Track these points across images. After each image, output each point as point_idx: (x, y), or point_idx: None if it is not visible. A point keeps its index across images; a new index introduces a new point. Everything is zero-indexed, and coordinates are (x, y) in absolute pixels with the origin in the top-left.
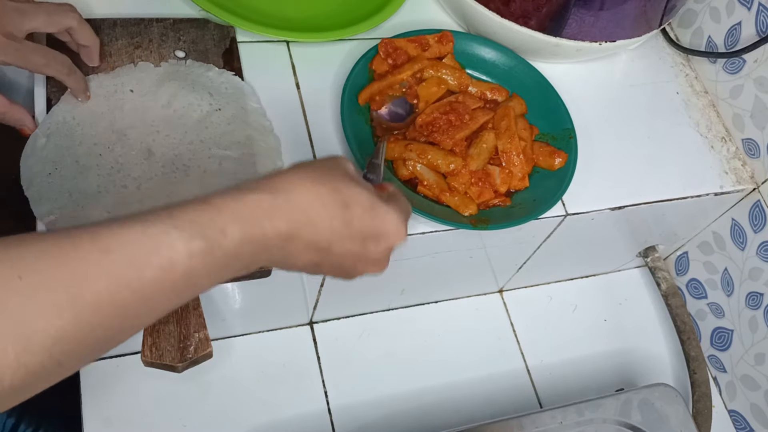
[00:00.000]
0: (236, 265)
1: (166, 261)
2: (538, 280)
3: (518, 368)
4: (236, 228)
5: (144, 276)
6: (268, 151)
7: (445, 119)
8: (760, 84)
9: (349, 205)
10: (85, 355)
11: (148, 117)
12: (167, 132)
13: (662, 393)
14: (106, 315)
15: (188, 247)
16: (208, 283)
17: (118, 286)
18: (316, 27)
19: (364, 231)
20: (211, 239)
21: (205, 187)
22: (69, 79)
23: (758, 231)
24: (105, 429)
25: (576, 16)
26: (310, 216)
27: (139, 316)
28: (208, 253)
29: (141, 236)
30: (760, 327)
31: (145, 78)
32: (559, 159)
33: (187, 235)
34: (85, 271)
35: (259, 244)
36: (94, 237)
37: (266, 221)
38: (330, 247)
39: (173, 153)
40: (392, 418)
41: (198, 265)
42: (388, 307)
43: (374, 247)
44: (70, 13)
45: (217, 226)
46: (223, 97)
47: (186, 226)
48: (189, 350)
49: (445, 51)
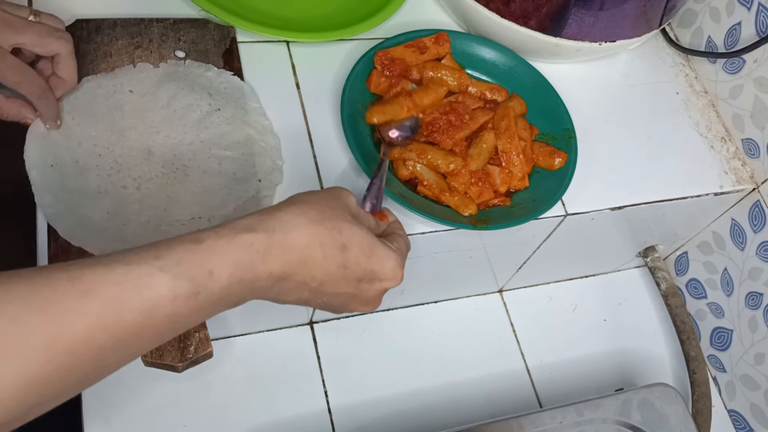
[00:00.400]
0: (221, 306)
1: (149, 304)
2: (538, 280)
3: (518, 368)
4: (225, 270)
5: (124, 320)
6: (267, 151)
7: (445, 119)
8: (759, 84)
9: (348, 247)
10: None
11: (147, 117)
12: (167, 132)
13: (662, 393)
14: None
15: (173, 290)
16: (190, 324)
17: (96, 330)
18: (316, 27)
19: (359, 274)
20: (197, 281)
21: (205, 187)
22: (40, 102)
23: (758, 231)
24: (105, 429)
25: (576, 16)
26: (306, 257)
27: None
28: (192, 295)
29: (123, 279)
30: (760, 327)
31: (144, 79)
32: (559, 159)
33: (171, 277)
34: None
35: (249, 286)
36: (74, 278)
37: (260, 263)
38: (322, 287)
39: (173, 153)
40: (392, 418)
41: (181, 307)
42: (388, 307)
43: (368, 288)
44: (63, 41)
45: (206, 268)
46: (223, 97)
47: (172, 267)
48: (189, 350)
49: (442, 52)
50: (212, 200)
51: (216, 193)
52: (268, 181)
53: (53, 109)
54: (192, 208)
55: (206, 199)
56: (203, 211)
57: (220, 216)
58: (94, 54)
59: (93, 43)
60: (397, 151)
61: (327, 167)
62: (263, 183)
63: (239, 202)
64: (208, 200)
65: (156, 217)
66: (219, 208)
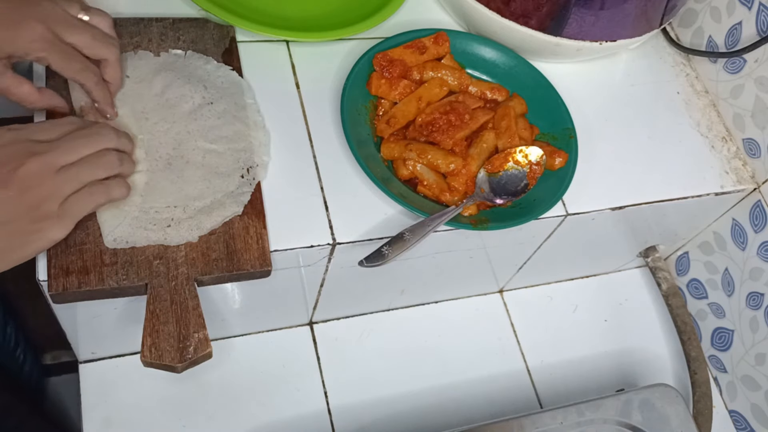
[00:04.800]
0: None
1: None
2: (539, 280)
3: (518, 368)
4: None
5: None
6: (255, 147)
7: (445, 119)
8: (760, 84)
9: None
10: None
11: (139, 103)
12: (155, 120)
13: (663, 393)
14: None
15: None
16: None
17: None
18: (316, 27)
19: None
20: None
21: (185, 178)
22: (96, 88)
23: (759, 231)
24: (105, 429)
25: (576, 16)
26: None
27: None
28: None
29: None
30: (761, 327)
31: (143, 66)
32: (560, 159)
33: None
34: None
35: None
36: None
37: None
38: None
39: (158, 141)
40: (392, 418)
41: None
42: (388, 307)
43: None
44: (113, 48)
45: None
46: (218, 91)
47: None
48: (188, 350)
49: (442, 51)
50: (190, 191)
51: (195, 184)
52: (250, 177)
53: (109, 97)
54: (168, 197)
55: (184, 189)
56: (179, 200)
57: (196, 207)
58: None
59: None
60: (397, 151)
61: (327, 167)
62: (245, 179)
63: (217, 196)
64: (186, 190)
65: None
66: (196, 199)
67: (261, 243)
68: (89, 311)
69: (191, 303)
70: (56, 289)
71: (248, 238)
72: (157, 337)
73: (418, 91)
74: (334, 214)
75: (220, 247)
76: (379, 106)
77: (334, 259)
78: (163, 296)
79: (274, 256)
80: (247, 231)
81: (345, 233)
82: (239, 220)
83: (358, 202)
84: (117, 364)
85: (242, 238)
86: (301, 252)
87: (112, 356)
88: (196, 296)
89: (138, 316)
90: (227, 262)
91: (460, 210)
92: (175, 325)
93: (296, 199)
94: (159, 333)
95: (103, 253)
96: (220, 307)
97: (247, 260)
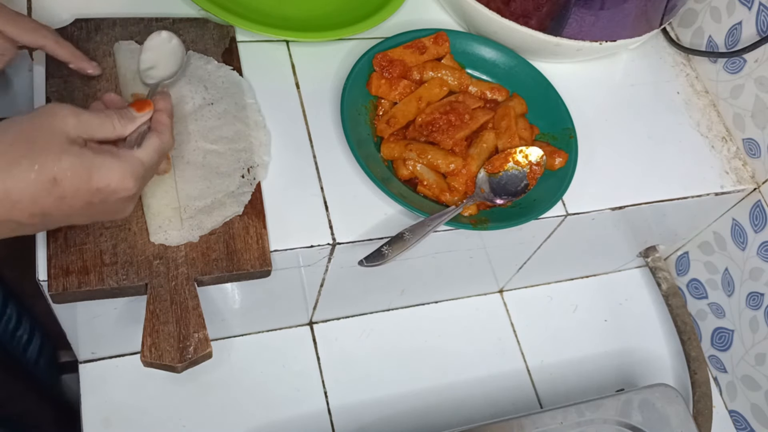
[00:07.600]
0: None
1: None
2: (539, 280)
3: (518, 368)
4: None
5: None
6: (256, 147)
7: (445, 119)
8: (760, 84)
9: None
10: None
11: None
12: None
13: (663, 393)
14: None
15: None
16: None
17: None
18: (316, 27)
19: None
20: None
21: (185, 178)
22: (59, 48)
23: (759, 231)
24: (105, 429)
25: (576, 16)
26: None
27: None
28: None
29: None
30: (761, 327)
31: None
32: (560, 159)
33: None
34: None
35: None
36: None
37: None
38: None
39: None
40: (392, 418)
41: None
42: (388, 307)
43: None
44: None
45: None
46: (218, 92)
47: None
48: (188, 350)
49: (442, 51)
50: (191, 191)
51: (195, 184)
52: (250, 177)
53: (78, 52)
54: (168, 197)
55: (184, 189)
56: (179, 200)
57: (197, 207)
58: (93, 53)
59: (93, 43)
60: (397, 151)
61: (327, 167)
62: (246, 179)
63: (218, 196)
64: (187, 190)
65: None
66: (196, 199)
67: (261, 243)
68: (89, 311)
69: (191, 303)
70: (56, 289)
71: (248, 238)
72: (157, 337)
73: (418, 91)
74: (334, 214)
75: (220, 247)
76: (379, 106)
77: (334, 259)
78: (163, 296)
79: (274, 256)
80: (247, 231)
81: (345, 233)
82: (239, 220)
83: (358, 202)
84: (117, 364)
85: (242, 238)
86: (301, 252)
87: (112, 356)
88: (196, 296)
89: (138, 316)
90: (227, 262)
91: (460, 210)
92: (175, 325)
93: (296, 199)
94: (159, 333)
95: (103, 253)
96: (220, 307)
97: (247, 260)
